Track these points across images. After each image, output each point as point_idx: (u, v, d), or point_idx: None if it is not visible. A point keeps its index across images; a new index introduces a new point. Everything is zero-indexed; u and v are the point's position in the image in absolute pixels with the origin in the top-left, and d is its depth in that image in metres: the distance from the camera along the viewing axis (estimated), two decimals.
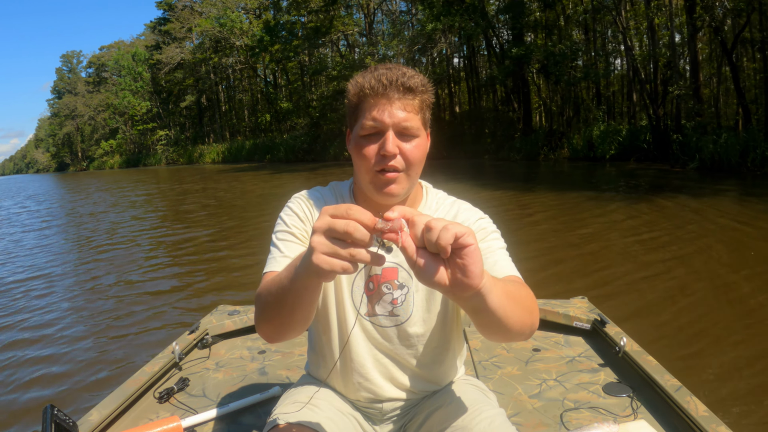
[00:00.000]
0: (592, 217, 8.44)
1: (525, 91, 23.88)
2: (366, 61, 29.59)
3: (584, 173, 16.16)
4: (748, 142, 13.25)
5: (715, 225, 7.27)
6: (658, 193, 10.50)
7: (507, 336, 0.97)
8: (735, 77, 15.32)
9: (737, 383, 2.89)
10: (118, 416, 1.73)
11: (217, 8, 42.61)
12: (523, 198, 11.09)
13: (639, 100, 19.77)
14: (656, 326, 3.74)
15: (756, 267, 5.10)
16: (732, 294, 4.44)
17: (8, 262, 8.06)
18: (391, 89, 1.06)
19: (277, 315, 0.97)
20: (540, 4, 23.43)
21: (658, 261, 5.53)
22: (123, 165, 64.96)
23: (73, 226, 12.39)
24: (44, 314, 5.11)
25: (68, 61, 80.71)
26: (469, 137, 26.04)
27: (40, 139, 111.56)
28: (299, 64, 40.00)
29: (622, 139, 18.64)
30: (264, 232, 8.44)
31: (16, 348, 4.25)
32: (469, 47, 29.06)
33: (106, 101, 66.99)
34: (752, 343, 3.40)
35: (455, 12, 22.51)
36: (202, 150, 49.54)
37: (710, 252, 5.77)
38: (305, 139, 35.00)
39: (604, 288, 4.75)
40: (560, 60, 20.30)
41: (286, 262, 1.11)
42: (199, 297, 5.27)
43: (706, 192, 10.40)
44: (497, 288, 0.86)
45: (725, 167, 13.49)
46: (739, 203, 9.02)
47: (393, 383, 1.24)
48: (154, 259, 7.47)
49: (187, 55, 47.61)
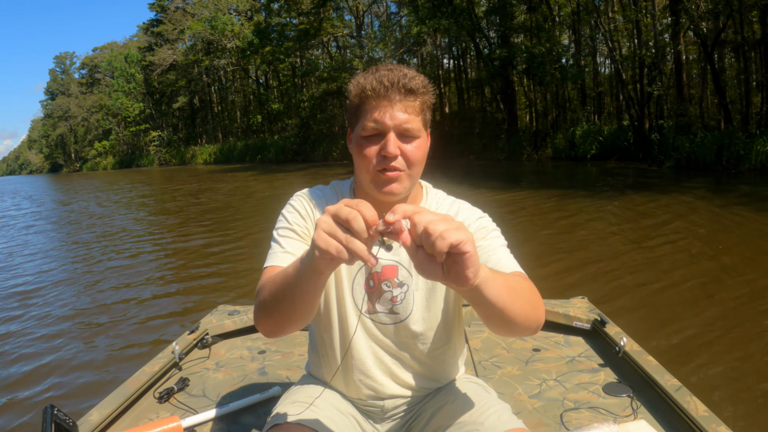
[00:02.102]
0: (559, 213, 8.64)
1: (509, 92, 23.96)
2: (353, 63, 29.52)
3: (563, 172, 16.39)
4: (723, 140, 13.43)
5: (673, 217, 7.61)
6: (623, 191, 10.80)
7: (512, 329, 0.97)
8: (715, 77, 15.48)
9: (737, 383, 2.86)
10: (118, 416, 1.70)
11: (209, 10, 42.23)
12: (500, 195, 11.23)
13: (622, 100, 19.94)
14: (644, 323, 3.74)
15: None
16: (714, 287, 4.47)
17: (7, 263, 7.93)
18: (393, 91, 1.06)
19: (278, 308, 0.96)
20: (524, 7, 23.52)
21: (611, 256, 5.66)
22: (116, 166, 64.22)
23: (72, 226, 12.21)
24: (44, 314, 5.03)
25: (61, 62, 79.50)
26: (457, 137, 26.09)
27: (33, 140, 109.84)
28: (291, 66, 39.76)
29: (603, 138, 18.79)
30: (263, 230, 8.41)
31: (15, 348, 4.18)
32: (458, 48, 29.08)
33: (99, 102, 66.12)
34: (752, 342, 3.38)
35: (441, 15, 22.49)
36: (195, 151, 49.09)
37: (677, 248, 5.89)
38: (295, 140, 34.87)
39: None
40: (542, 61, 20.36)
41: (286, 258, 1.10)
42: (199, 297, 5.21)
43: (671, 189, 10.65)
44: (496, 281, 0.87)
45: (700, 166, 13.66)
46: (701, 199, 9.23)
47: (394, 380, 1.22)
48: (154, 260, 7.38)
49: (180, 57, 47.13)
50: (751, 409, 2.61)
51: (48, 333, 4.47)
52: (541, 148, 21.31)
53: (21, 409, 3.13)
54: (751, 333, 3.50)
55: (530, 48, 21.69)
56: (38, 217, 15.09)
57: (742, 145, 12.93)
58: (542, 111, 25.16)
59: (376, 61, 27.84)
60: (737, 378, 2.93)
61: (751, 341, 3.37)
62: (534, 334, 1.03)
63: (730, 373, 2.99)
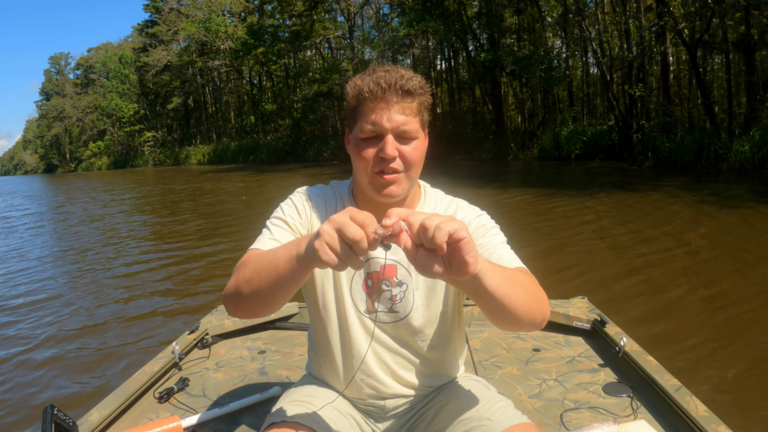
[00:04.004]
0: (534, 208, 8.91)
1: (496, 94, 24.03)
2: (342, 65, 29.43)
3: (544, 171, 16.55)
4: (703, 140, 13.56)
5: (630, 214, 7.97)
6: (595, 189, 11.05)
7: (516, 322, 0.95)
8: (698, 78, 15.62)
9: (737, 382, 2.86)
10: (118, 416, 1.67)
11: (203, 12, 41.85)
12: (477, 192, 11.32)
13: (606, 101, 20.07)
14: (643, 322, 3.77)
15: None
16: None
17: (7, 262, 7.81)
18: (390, 93, 1.04)
19: (255, 289, 0.96)
20: (512, 10, 23.58)
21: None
22: (111, 166, 63.49)
23: (71, 226, 12.05)
24: (44, 314, 4.95)
25: (56, 62, 78.48)
26: (447, 137, 26.11)
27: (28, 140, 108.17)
28: (284, 67, 39.54)
29: (587, 139, 18.91)
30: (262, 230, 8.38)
31: (15, 348, 4.11)
32: (449, 49, 29.07)
33: (94, 103, 65.28)
34: (752, 342, 3.39)
35: (429, 18, 22.46)
36: (189, 151, 48.65)
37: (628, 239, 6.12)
38: (287, 141, 34.71)
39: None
40: (528, 63, 20.44)
41: (272, 244, 1.09)
42: (199, 297, 5.15)
43: (643, 188, 10.85)
44: (495, 272, 0.88)
45: (679, 165, 13.78)
46: (672, 197, 9.43)
47: (395, 379, 1.21)
48: (154, 259, 7.28)
49: (174, 58, 46.64)
50: (753, 409, 2.58)
51: (48, 333, 4.41)
52: (527, 149, 21.39)
53: (21, 409, 3.08)
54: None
55: (515, 51, 21.74)
56: (37, 217, 14.90)
57: (720, 145, 13.07)
58: (529, 112, 25.24)
59: (366, 63, 27.79)
60: (737, 377, 2.90)
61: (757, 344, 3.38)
62: (540, 328, 1.02)
63: (732, 372, 2.96)
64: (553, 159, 19.64)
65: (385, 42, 27.36)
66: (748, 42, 13.94)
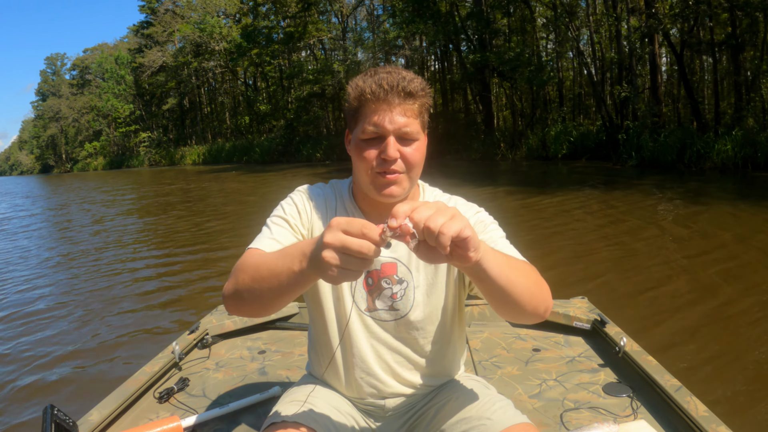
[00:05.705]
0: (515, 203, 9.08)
1: (485, 95, 24.07)
2: (334, 66, 29.33)
3: (530, 171, 16.61)
4: (686, 140, 13.66)
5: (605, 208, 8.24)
6: (573, 187, 11.28)
7: (519, 309, 0.95)
8: (684, 78, 15.73)
9: (737, 383, 2.84)
10: (118, 416, 1.64)
11: (198, 13, 41.52)
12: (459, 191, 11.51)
13: (594, 101, 20.18)
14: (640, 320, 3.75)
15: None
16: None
17: (6, 262, 7.70)
18: (392, 94, 1.03)
19: (257, 296, 0.94)
20: (501, 12, 23.61)
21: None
22: (106, 167, 62.89)
23: (71, 227, 11.91)
24: (43, 314, 4.88)
25: (52, 63, 77.55)
26: (438, 137, 26.11)
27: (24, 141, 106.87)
28: (278, 67, 39.34)
29: (573, 139, 19.01)
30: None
31: (15, 348, 4.05)
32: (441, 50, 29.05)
33: (90, 104, 64.66)
34: (752, 342, 3.37)
35: (419, 21, 22.43)
36: (184, 152, 48.34)
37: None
38: (281, 141, 34.57)
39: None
40: (516, 65, 20.46)
41: (272, 244, 1.08)
42: (199, 297, 5.09)
43: (621, 185, 11.02)
44: (496, 255, 0.89)
45: (662, 164, 13.87)
46: (648, 195, 9.54)
47: (395, 378, 1.19)
48: (154, 259, 7.19)
49: (169, 59, 46.24)
50: (752, 409, 2.55)
51: (48, 333, 4.34)
52: (516, 149, 21.45)
53: (21, 409, 3.03)
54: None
55: (502, 53, 21.78)
56: (36, 218, 14.71)
57: (702, 145, 13.17)
58: (520, 112, 25.30)
59: (358, 64, 27.72)
60: (737, 377, 2.85)
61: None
62: (543, 318, 1.01)
63: (732, 372, 2.90)
64: (541, 159, 19.73)
65: (377, 44, 27.30)
66: (733, 42, 14.06)
